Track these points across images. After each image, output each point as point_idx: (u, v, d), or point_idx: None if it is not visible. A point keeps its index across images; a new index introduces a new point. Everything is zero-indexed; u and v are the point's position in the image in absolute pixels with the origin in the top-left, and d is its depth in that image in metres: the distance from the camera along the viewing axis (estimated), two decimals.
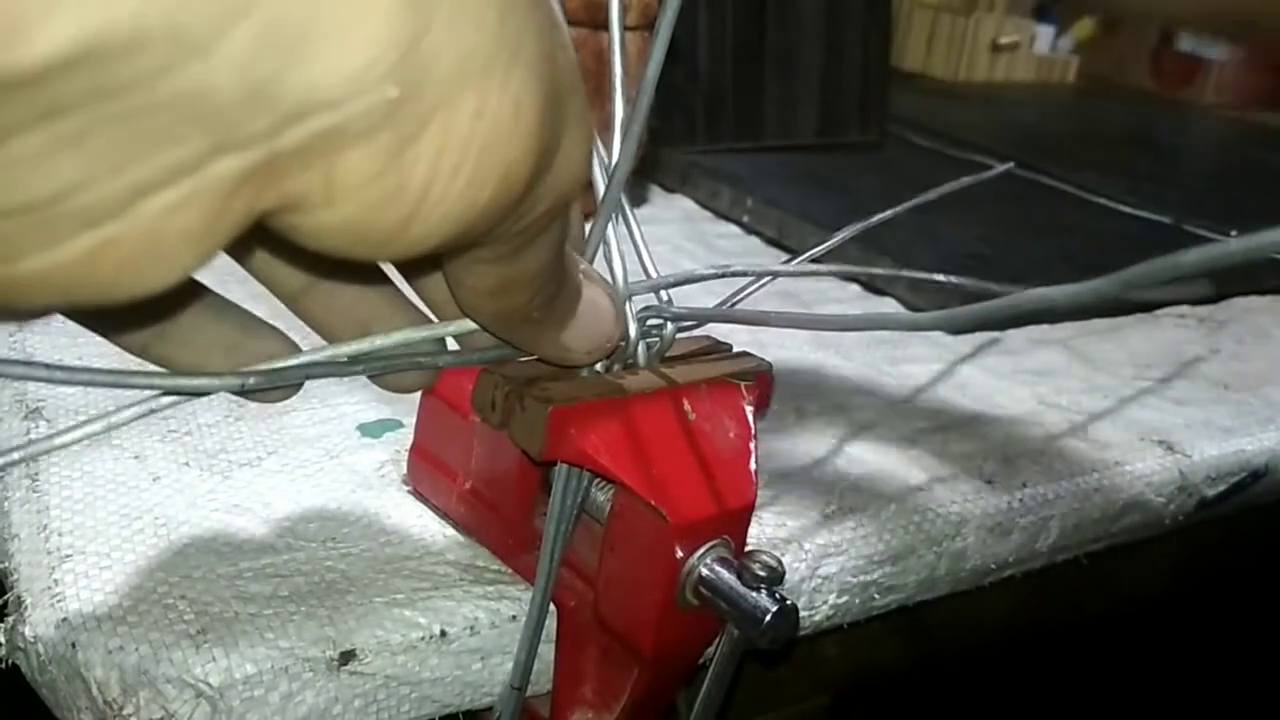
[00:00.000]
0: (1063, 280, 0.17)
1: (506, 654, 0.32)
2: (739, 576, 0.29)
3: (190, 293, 0.24)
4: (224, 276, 0.24)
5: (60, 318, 0.46)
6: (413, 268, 0.26)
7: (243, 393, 0.24)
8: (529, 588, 0.32)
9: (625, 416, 0.29)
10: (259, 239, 0.21)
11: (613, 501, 0.30)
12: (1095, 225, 0.78)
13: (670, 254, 0.63)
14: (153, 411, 0.23)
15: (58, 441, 0.21)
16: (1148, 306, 0.64)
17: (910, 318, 0.22)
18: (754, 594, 0.28)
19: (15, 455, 0.21)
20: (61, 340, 0.43)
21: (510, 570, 0.33)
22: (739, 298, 0.36)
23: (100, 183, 0.14)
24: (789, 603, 0.28)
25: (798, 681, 0.44)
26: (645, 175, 0.75)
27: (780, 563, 0.29)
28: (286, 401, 0.26)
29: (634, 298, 0.30)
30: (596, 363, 0.29)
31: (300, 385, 0.25)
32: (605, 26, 0.58)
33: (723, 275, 0.33)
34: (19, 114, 0.13)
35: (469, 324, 0.26)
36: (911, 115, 0.98)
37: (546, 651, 0.32)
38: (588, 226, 0.28)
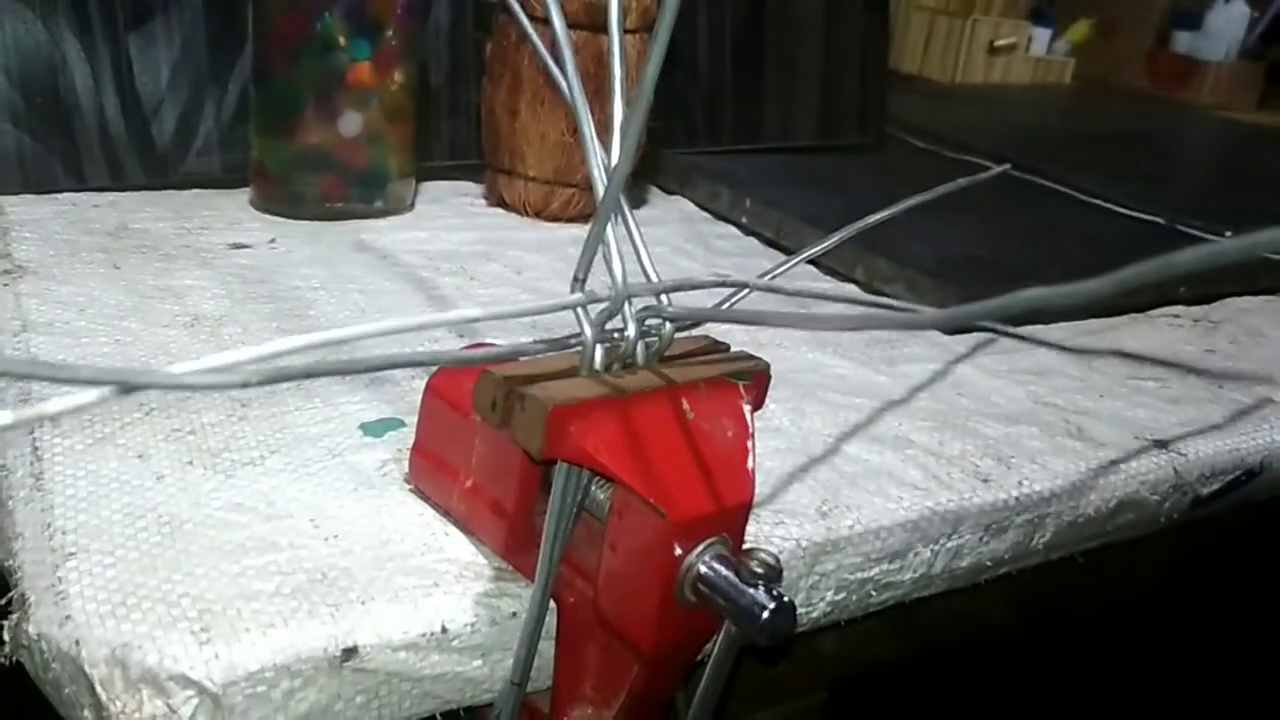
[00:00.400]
0: (1058, 281, 0.17)
1: (507, 650, 0.32)
2: (737, 573, 0.29)
3: None
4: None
5: (62, 318, 0.46)
6: None
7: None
8: (529, 585, 0.32)
9: (624, 415, 0.30)
10: None
11: (612, 499, 0.30)
12: (1092, 226, 0.78)
13: (669, 255, 0.63)
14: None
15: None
16: (1142, 306, 0.64)
17: (906, 316, 0.22)
18: (752, 591, 0.28)
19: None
20: (65, 340, 0.43)
21: (511, 568, 0.33)
22: (737, 298, 0.36)
23: None
24: (786, 599, 0.28)
25: (795, 678, 0.44)
26: (645, 177, 0.75)
27: (778, 560, 0.30)
28: (289, 401, 0.26)
29: (633, 298, 0.30)
30: None
31: None
32: (605, 29, 0.58)
33: (720, 284, 0.33)
34: None
35: (467, 313, 0.26)
36: (909, 117, 0.98)
37: (546, 648, 0.32)
38: (587, 228, 0.29)
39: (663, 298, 0.31)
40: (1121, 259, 0.16)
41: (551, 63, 0.32)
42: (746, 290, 0.35)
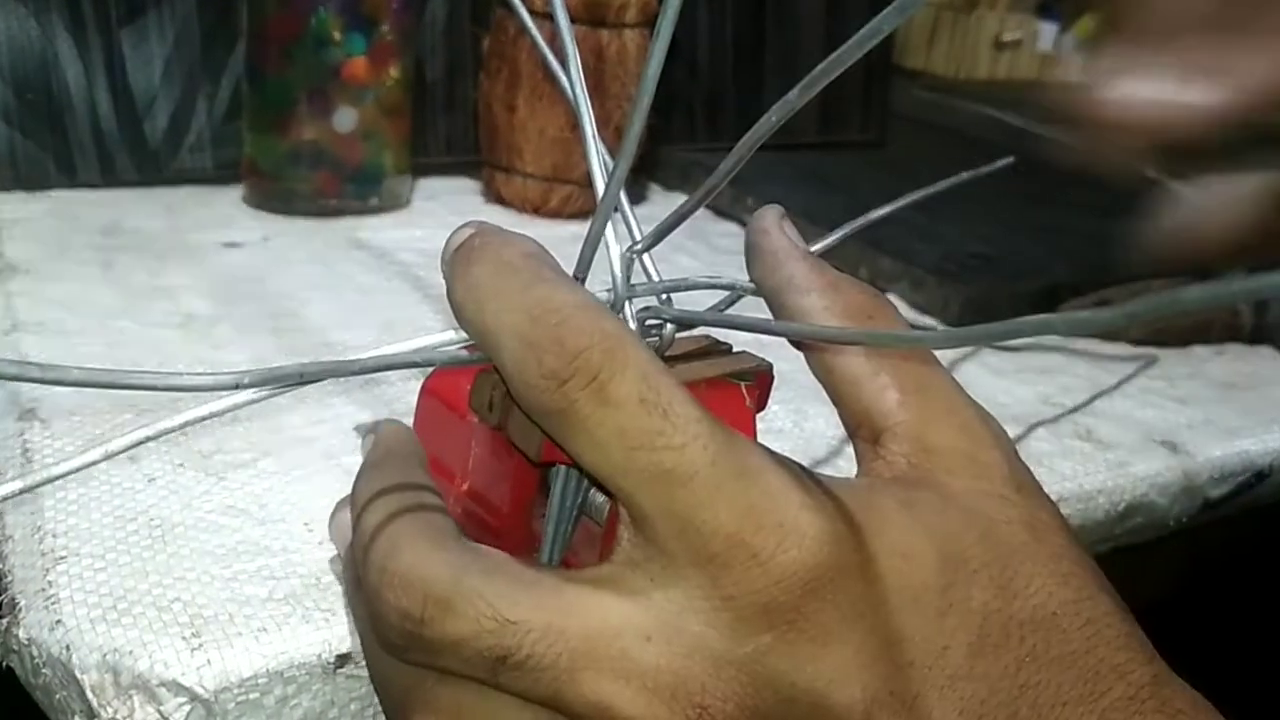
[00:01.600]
0: (1064, 277, 0.17)
1: None
2: None
3: None
4: None
5: (53, 318, 0.46)
6: None
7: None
8: None
9: None
10: None
11: (612, 502, 0.30)
12: (1097, 223, 0.77)
13: (670, 253, 0.63)
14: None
15: (57, 471, 0.21)
16: None
17: (913, 335, 0.22)
18: None
19: (16, 485, 0.21)
20: (56, 340, 0.43)
21: None
22: (738, 300, 0.35)
23: None
24: None
25: None
26: (645, 174, 0.74)
27: None
28: (282, 402, 0.25)
29: (633, 299, 0.30)
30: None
31: None
32: (605, 24, 0.58)
33: (722, 286, 0.33)
34: None
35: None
36: (913, 113, 0.98)
37: None
38: (586, 225, 0.28)
39: (663, 297, 0.31)
40: (1126, 256, 0.16)
41: (551, 57, 0.32)
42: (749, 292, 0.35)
